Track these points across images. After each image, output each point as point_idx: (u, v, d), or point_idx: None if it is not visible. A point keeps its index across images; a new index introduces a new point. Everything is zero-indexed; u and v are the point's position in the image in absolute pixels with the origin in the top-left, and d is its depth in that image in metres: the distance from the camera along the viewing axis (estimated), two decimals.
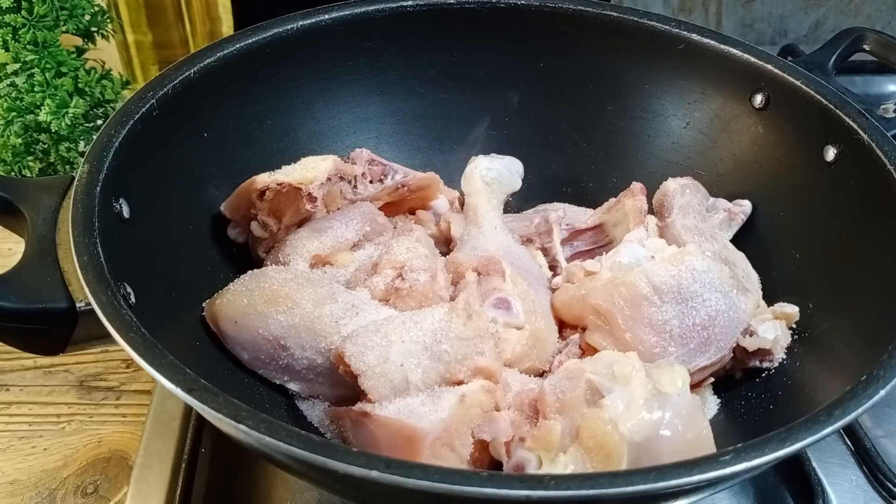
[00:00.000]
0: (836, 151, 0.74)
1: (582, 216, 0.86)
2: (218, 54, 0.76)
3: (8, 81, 0.93)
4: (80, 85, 0.95)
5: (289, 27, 0.80)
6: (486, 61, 0.90)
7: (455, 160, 0.88)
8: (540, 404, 0.61)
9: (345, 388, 0.66)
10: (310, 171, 0.74)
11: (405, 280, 0.70)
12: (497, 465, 0.61)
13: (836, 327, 0.69)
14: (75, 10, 0.95)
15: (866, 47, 0.88)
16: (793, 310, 0.73)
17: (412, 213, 0.85)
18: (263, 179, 0.73)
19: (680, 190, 0.80)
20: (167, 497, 0.70)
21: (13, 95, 0.93)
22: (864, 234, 0.70)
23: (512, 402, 0.63)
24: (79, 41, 0.98)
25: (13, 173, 0.97)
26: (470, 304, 0.66)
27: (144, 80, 1.18)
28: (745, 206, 0.82)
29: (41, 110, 0.92)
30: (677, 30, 0.85)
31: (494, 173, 0.83)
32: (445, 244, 0.83)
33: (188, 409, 0.77)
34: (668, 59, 0.86)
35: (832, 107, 0.75)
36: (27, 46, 0.92)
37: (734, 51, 0.82)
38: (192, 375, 0.49)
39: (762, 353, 0.70)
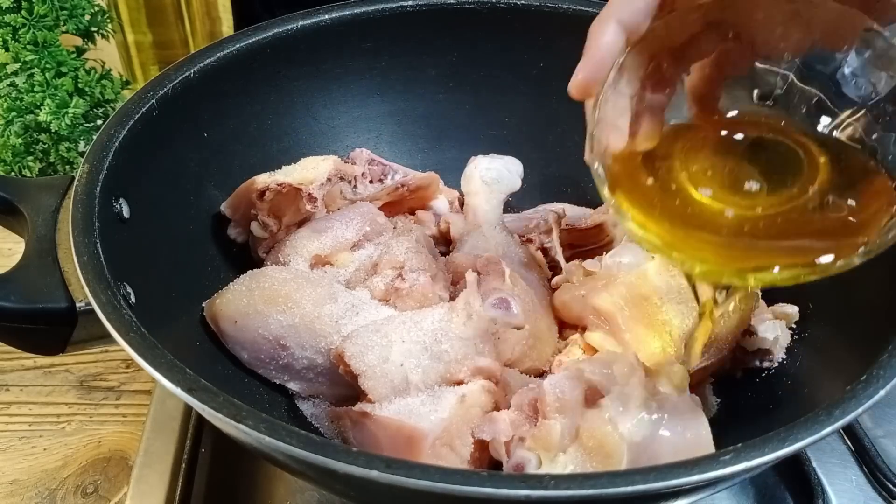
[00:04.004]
0: None
1: (582, 216, 0.86)
2: (218, 54, 0.76)
3: (8, 81, 0.93)
4: (80, 85, 0.95)
5: (289, 27, 0.80)
6: (486, 61, 0.90)
7: (455, 160, 0.88)
8: (540, 404, 0.61)
9: (345, 387, 0.66)
10: (310, 171, 0.74)
11: (405, 280, 0.70)
12: (497, 465, 0.61)
13: (836, 327, 0.69)
14: (75, 10, 0.95)
15: None
16: (793, 310, 0.73)
17: (412, 213, 0.85)
18: (263, 180, 0.73)
19: None
20: (167, 497, 0.70)
21: (13, 95, 0.93)
22: None
23: (512, 402, 0.63)
24: (79, 41, 0.98)
25: (13, 173, 0.97)
26: (470, 304, 0.66)
27: (144, 80, 1.19)
28: None
29: (41, 110, 0.92)
30: None
31: (494, 173, 0.83)
32: (445, 244, 0.83)
33: (188, 409, 0.77)
34: None
35: None
36: (27, 46, 0.92)
37: None
38: (192, 375, 0.49)
39: (762, 353, 0.70)
